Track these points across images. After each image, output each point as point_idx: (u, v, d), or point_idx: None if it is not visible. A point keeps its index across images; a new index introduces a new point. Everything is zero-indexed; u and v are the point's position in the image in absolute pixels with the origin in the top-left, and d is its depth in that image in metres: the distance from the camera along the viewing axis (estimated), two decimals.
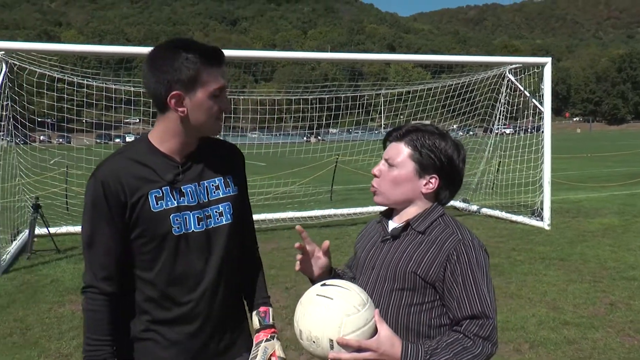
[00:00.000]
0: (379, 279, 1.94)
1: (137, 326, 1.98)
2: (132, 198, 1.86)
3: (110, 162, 1.91)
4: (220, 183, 2.03)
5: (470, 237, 1.87)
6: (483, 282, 1.80)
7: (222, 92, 1.90)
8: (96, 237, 1.88)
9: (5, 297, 6.80)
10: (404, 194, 1.94)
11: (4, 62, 8.87)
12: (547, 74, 11.04)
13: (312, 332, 1.68)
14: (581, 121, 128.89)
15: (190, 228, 1.93)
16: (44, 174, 12.22)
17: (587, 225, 10.89)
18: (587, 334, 5.27)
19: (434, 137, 1.91)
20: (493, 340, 1.77)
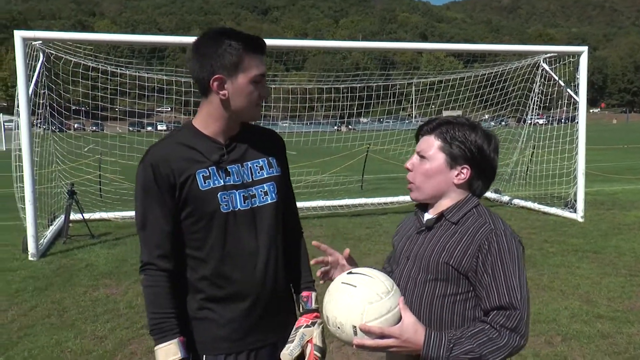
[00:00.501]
0: (413, 269, 1.96)
1: (192, 305, 2.05)
2: (181, 178, 1.95)
3: (158, 147, 2.01)
4: (264, 164, 2.11)
5: (503, 227, 1.86)
6: (514, 272, 1.78)
7: (262, 79, 1.99)
8: (149, 219, 1.97)
9: (43, 279, 6.98)
10: (437, 186, 1.95)
11: (41, 51, 9.05)
12: (583, 63, 10.81)
13: (337, 319, 1.73)
14: (617, 112, 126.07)
15: (236, 206, 2.01)
16: (79, 160, 12.45)
17: (622, 217, 10.68)
18: (622, 328, 5.18)
19: (463, 128, 1.93)
20: (521, 332, 1.74)
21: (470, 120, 1.98)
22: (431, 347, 1.72)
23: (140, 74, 12.88)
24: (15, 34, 8.13)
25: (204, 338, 2.05)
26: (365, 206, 12.10)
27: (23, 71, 8.01)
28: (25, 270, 7.44)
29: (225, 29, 1.99)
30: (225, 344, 2.04)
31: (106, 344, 4.95)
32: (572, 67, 11.31)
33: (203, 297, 2.04)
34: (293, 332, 2.13)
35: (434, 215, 1.97)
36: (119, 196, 12.38)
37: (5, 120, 37.39)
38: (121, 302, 6.06)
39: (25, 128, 7.99)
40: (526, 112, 13.51)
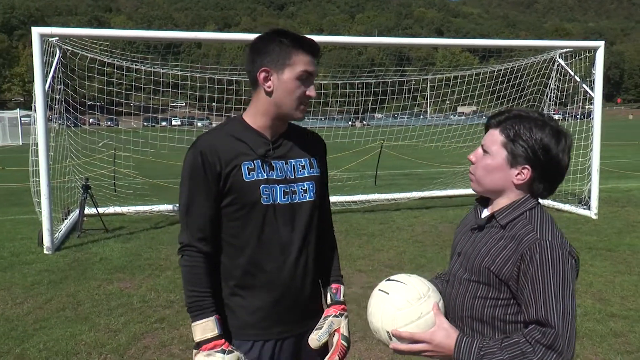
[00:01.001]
0: (460, 266, 1.96)
1: (224, 291, 2.14)
2: (227, 168, 2.03)
3: (209, 136, 2.10)
4: (306, 163, 2.19)
5: (550, 237, 1.77)
6: (554, 286, 1.70)
7: (309, 76, 2.06)
8: (194, 203, 2.06)
9: (58, 273, 7.07)
10: (495, 183, 1.90)
11: (58, 47, 9.14)
12: (599, 58, 10.71)
13: (373, 324, 1.86)
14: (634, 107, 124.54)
15: (277, 200, 2.09)
16: (93, 155, 12.56)
17: (636, 215, 10.58)
18: (635, 327, 5.15)
19: (531, 125, 1.83)
20: (558, 349, 1.66)
21: (545, 115, 1.89)
22: (462, 352, 1.73)
23: (155, 69, 12.94)
24: (33, 30, 8.22)
25: (233, 323, 2.12)
26: (378, 202, 12.10)
27: (40, 67, 8.10)
28: (40, 263, 7.53)
29: (280, 29, 2.10)
30: (253, 331, 2.12)
31: (120, 338, 5.01)
32: (588, 62, 11.21)
33: (235, 283, 2.12)
34: (322, 320, 2.21)
35: (487, 215, 1.95)
36: (133, 191, 12.49)
37: (22, 115, 37.80)
38: (135, 296, 6.12)
39: (42, 123, 8.08)
40: (542, 108, 13.41)
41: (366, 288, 6.21)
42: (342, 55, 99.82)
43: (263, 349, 2.12)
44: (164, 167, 14.81)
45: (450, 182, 13.90)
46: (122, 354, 4.68)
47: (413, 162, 19.17)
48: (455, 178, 14.13)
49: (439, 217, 10.59)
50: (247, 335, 2.12)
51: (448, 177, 14.45)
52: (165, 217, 10.72)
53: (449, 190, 13.20)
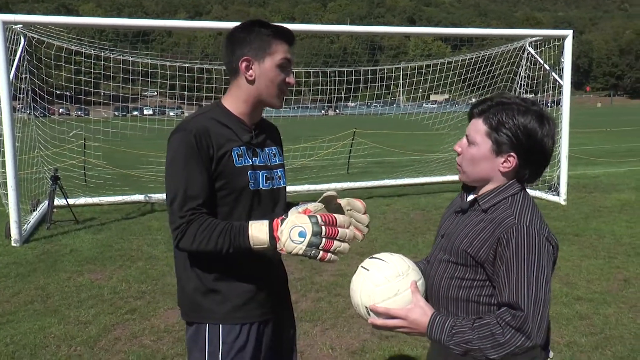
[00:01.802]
0: (441, 248, 2.00)
1: (212, 275, 2.14)
2: (219, 152, 2.06)
3: (197, 119, 2.10)
4: (276, 151, 2.31)
5: (528, 221, 1.79)
6: (528, 271, 1.72)
7: (289, 64, 2.13)
8: (191, 179, 2.01)
9: (26, 265, 6.96)
10: (482, 172, 1.91)
11: (23, 35, 8.94)
12: (568, 47, 10.86)
13: (354, 299, 1.91)
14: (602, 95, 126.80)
15: (260, 185, 2.17)
16: (62, 145, 12.35)
17: (603, 200, 10.81)
18: (599, 309, 5.27)
19: (513, 112, 1.84)
20: (527, 332, 1.69)
21: (527, 100, 1.89)
22: (434, 329, 1.77)
23: (126, 57, 12.77)
24: None
25: (221, 309, 2.13)
26: (351, 190, 12.13)
27: (3, 56, 7.90)
28: (8, 256, 7.40)
29: (258, 19, 2.17)
30: (240, 314, 2.14)
31: (90, 330, 4.96)
32: (558, 50, 11.36)
33: (223, 267, 2.12)
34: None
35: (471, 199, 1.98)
36: (103, 181, 12.34)
37: None
38: (105, 288, 6.06)
39: (7, 113, 7.91)
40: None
41: (337, 276, 6.24)
42: (315, 44, 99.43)
43: (250, 331, 2.16)
44: (135, 157, 14.65)
45: (422, 170, 14.00)
46: (93, 345, 4.64)
47: (385, 150, 19.25)
48: (427, 166, 14.25)
49: (410, 205, 10.67)
50: (235, 318, 2.13)
51: (420, 165, 14.56)
52: (136, 207, 10.61)
53: (421, 177, 13.30)
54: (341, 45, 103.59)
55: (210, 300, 2.13)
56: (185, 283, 2.18)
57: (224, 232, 1.94)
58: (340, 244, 1.87)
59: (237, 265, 2.11)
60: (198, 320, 2.16)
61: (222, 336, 2.12)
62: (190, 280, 2.16)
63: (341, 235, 1.87)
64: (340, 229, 1.87)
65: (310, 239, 1.84)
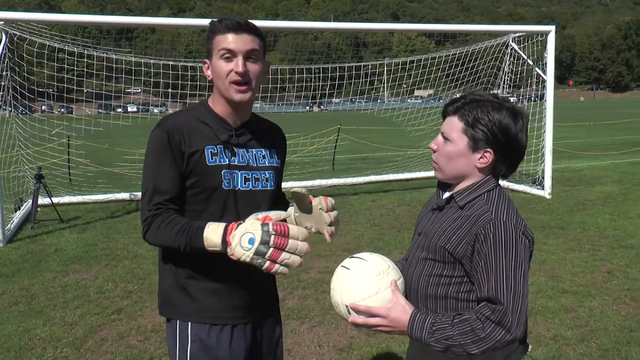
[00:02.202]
0: (419, 246, 2.01)
1: (182, 273, 2.14)
2: (191, 149, 2.05)
3: (175, 116, 2.15)
4: (267, 153, 2.25)
5: (505, 217, 1.82)
6: (506, 265, 1.75)
7: (230, 53, 2.04)
8: (160, 174, 2.05)
9: (10, 266, 6.88)
10: (459, 169, 1.92)
11: (4, 32, 8.81)
12: (551, 42, 10.94)
13: (334, 298, 1.92)
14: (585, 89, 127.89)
15: (237, 186, 2.12)
16: (44, 144, 12.22)
17: (587, 193, 10.91)
18: (584, 302, 5.32)
19: (488, 108, 1.86)
20: (507, 326, 1.71)
21: (499, 97, 1.92)
22: (415, 327, 1.78)
23: (109, 55, 12.66)
24: None
25: (190, 307, 2.13)
26: (336, 186, 12.14)
27: None
28: None
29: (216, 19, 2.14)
30: (209, 314, 2.12)
31: (76, 331, 4.91)
32: (541, 45, 11.44)
33: (193, 266, 2.11)
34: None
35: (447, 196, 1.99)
36: (86, 179, 12.23)
37: None
38: (91, 288, 6.01)
39: None
40: (496, 91, 13.64)
41: (324, 273, 6.24)
42: (298, 41, 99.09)
43: (222, 333, 2.13)
44: (120, 155, 14.54)
45: (407, 165, 14.04)
46: (79, 347, 4.60)
47: (370, 146, 19.27)
48: (412, 161, 14.29)
49: (396, 201, 10.69)
50: (204, 317, 2.12)
51: (405, 161, 14.60)
52: (121, 205, 10.54)
53: (406, 173, 13.34)
54: (325, 41, 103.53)
55: (181, 297, 2.13)
56: (162, 277, 2.20)
57: (182, 230, 1.93)
58: (290, 256, 1.80)
59: (209, 265, 2.08)
60: (170, 316, 2.18)
61: (191, 334, 2.12)
62: (166, 275, 2.17)
63: (291, 246, 1.80)
64: (291, 240, 1.80)
65: (257, 247, 1.78)
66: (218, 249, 1.88)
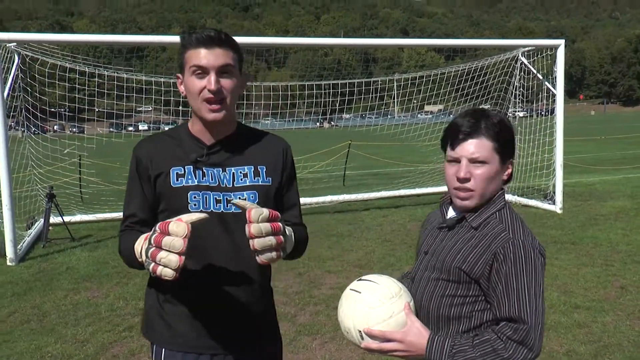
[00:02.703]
0: (428, 265, 1.96)
1: (157, 297, 2.09)
2: (155, 172, 2.00)
3: (148, 139, 2.09)
4: (250, 171, 2.04)
5: (522, 236, 1.80)
6: (527, 284, 1.74)
7: (204, 70, 1.90)
8: (131, 201, 2.07)
9: (22, 284, 6.92)
10: (494, 189, 1.89)
11: (16, 53, 8.95)
12: (560, 56, 10.94)
13: (344, 324, 1.83)
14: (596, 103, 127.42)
15: (209, 208, 1.98)
16: (56, 164, 12.33)
17: (599, 208, 10.83)
18: (598, 317, 5.27)
19: (500, 120, 1.87)
20: (529, 345, 1.70)
21: (485, 109, 1.95)
22: (433, 351, 1.74)
23: (120, 74, 12.78)
24: None
25: (164, 333, 2.05)
26: (347, 202, 12.14)
27: None
28: (3, 275, 7.35)
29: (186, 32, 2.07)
30: (181, 340, 2.02)
31: (87, 348, 4.93)
32: (550, 60, 11.42)
33: (167, 290, 2.04)
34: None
35: (455, 215, 1.96)
36: (97, 197, 12.31)
37: None
38: (102, 305, 6.03)
39: (2, 132, 7.89)
40: (506, 106, 13.63)
41: (336, 289, 6.22)
42: (309, 57, 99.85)
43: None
44: None
45: (418, 181, 14.02)
46: None
47: (381, 161, 19.27)
48: (423, 177, 14.26)
49: (407, 216, 10.67)
50: (175, 345, 2.03)
51: (416, 176, 14.58)
52: None
53: (417, 189, 13.31)
54: (335, 57, 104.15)
55: (158, 321, 2.07)
56: (146, 298, 2.17)
57: (131, 246, 1.87)
58: (167, 254, 1.59)
59: (185, 288, 1.99)
60: (148, 339, 2.13)
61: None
62: (149, 296, 2.14)
63: (165, 243, 1.60)
64: (166, 237, 1.61)
65: (146, 248, 1.66)
66: (141, 259, 1.77)
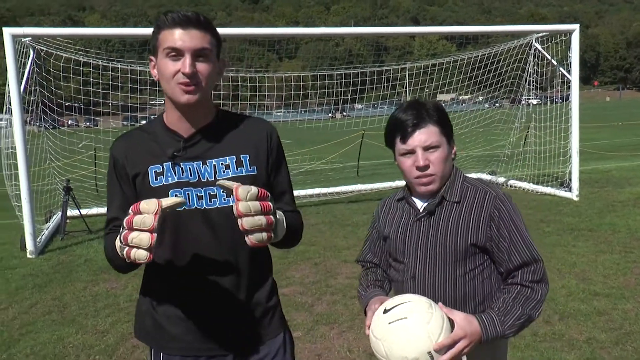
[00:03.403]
0: (428, 257, 1.98)
1: (148, 300, 2.01)
2: (133, 172, 1.89)
3: (123, 137, 1.97)
4: (232, 162, 1.90)
5: (499, 191, 1.98)
6: (523, 229, 1.93)
7: (179, 52, 1.77)
8: (112, 206, 1.96)
9: (42, 276, 7.01)
10: (448, 169, 2.01)
11: (32, 48, 9.01)
12: (575, 41, 10.81)
13: (409, 357, 1.68)
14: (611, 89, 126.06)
15: (192, 205, 1.85)
16: (73, 157, 12.43)
17: (616, 195, 10.73)
18: (618, 304, 5.23)
19: (437, 107, 2.01)
20: (546, 280, 1.93)
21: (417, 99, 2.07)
22: (488, 329, 1.80)
23: (133, 67, 12.82)
24: (4, 31, 8.10)
25: (161, 335, 1.97)
26: (361, 192, 12.13)
27: (14, 69, 7.98)
28: (24, 268, 7.46)
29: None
30: (178, 345, 1.95)
31: (108, 338, 4.98)
32: (565, 45, 11.30)
33: (158, 292, 1.97)
34: None
35: (430, 200, 2.00)
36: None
37: None
38: (121, 296, 6.09)
39: (19, 126, 7.96)
40: (520, 93, 13.52)
41: (352, 278, 6.23)
42: (320, 47, 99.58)
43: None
44: None
45: None
46: (111, 354, 4.66)
47: None
48: None
49: None
50: (173, 349, 1.96)
51: None
52: None
53: None
54: (346, 47, 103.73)
55: (153, 325, 1.98)
56: (141, 302, 2.05)
57: (114, 245, 1.75)
58: (138, 234, 1.49)
59: (173, 293, 1.94)
60: (145, 343, 2.05)
61: None
62: (142, 302, 2.03)
63: (135, 222, 1.50)
64: (136, 216, 1.51)
65: (120, 232, 1.57)
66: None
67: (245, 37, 11.23)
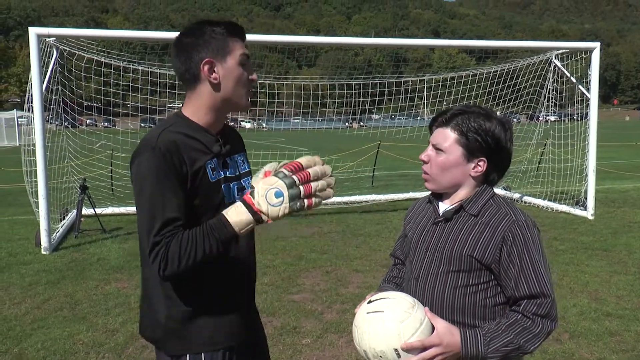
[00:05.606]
0: (433, 261, 1.97)
1: (193, 300, 1.96)
2: (193, 168, 1.87)
3: (163, 135, 1.86)
4: (244, 158, 2.16)
5: (523, 217, 1.89)
6: (539, 261, 1.83)
7: (248, 60, 1.97)
8: (168, 205, 1.80)
9: (56, 273, 7.08)
10: (454, 179, 1.96)
11: (55, 48, 9.14)
12: (595, 59, 10.75)
13: (376, 349, 1.73)
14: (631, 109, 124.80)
15: (236, 198, 1.99)
16: (91, 156, 12.56)
17: (633, 215, 10.62)
18: (630, 326, 5.17)
19: (479, 118, 1.90)
20: (552, 316, 1.81)
21: (485, 108, 1.97)
22: (469, 344, 1.76)
23: (153, 69, 12.94)
24: (30, 30, 8.24)
25: (202, 334, 1.97)
26: (375, 202, 12.12)
27: (37, 67, 8.10)
28: (38, 263, 7.54)
29: (205, 19, 1.98)
30: (222, 338, 2.00)
31: (117, 337, 5.02)
32: (585, 63, 11.24)
33: (205, 290, 1.97)
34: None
35: (451, 206, 1.99)
36: (128, 191, 12.48)
37: (18, 116, 37.75)
38: (132, 296, 6.13)
39: (39, 124, 8.08)
40: (538, 109, 13.45)
41: (363, 288, 6.22)
42: (339, 57, 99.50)
43: (233, 356, 2.04)
44: None
45: None
46: (120, 353, 4.69)
47: (410, 162, 19.16)
48: None
49: None
50: (217, 344, 1.99)
51: None
52: None
53: None
54: (365, 57, 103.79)
55: (189, 328, 1.95)
56: (158, 309, 1.97)
57: (206, 234, 1.76)
58: (318, 183, 1.75)
59: (219, 289, 1.98)
60: (176, 352, 1.97)
61: None
62: (165, 306, 1.95)
63: (314, 174, 1.74)
64: (310, 170, 1.75)
65: (289, 193, 1.71)
66: (251, 225, 1.77)
67: (265, 43, 11.28)
